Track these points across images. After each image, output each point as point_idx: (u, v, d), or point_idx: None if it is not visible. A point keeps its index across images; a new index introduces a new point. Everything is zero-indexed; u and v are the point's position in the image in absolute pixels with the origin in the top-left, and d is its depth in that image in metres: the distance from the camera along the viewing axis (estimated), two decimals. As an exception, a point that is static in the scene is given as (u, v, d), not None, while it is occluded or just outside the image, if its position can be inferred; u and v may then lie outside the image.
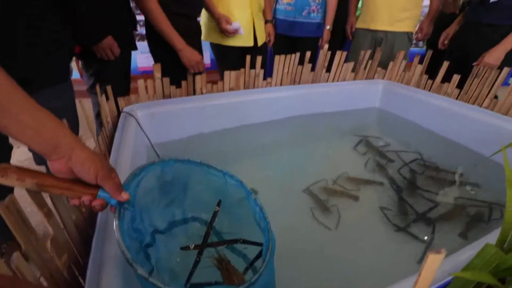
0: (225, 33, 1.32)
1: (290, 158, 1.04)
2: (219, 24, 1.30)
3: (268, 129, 1.16)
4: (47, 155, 0.32)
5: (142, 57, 2.49)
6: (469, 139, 1.05)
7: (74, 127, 0.84)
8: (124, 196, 0.37)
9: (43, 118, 0.31)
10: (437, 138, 1.15)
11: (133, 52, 1.21)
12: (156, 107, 0.96)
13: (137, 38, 2.27)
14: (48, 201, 0.38)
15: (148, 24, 1.15)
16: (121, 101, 0.92)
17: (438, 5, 1.58)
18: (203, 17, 1.38)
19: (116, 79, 1.11)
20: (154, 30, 1.11)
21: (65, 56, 0.77)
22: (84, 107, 0.64)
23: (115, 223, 0.36)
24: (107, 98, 0.85)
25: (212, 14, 1.30)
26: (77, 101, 0.82)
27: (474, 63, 1.30)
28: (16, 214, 0.29)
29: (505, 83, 1.24)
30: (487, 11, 1.31)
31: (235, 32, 1.33)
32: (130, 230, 0.40)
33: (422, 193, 0.83)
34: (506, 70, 1.08)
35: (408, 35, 1.60)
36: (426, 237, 0.69)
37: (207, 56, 2.48)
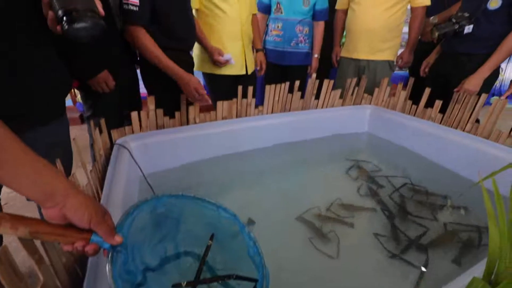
0: (217, 63, 1.39)
1: (283, 185, 1.05)
2: (212, 56, 1.36)
3: (260, 156, 1.18)
4: (42, 202, 0.32)
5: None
6: (455, 163, 1.08)
7: (68, 161, 0.84)
8: (118, 239, 0.37)
9: (40, 168, 0.31)
10: (425, 161, 1.18)
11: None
12: (149, 138, 0.97)
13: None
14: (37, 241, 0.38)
15: (141, 55, 1.18)
16: (114, 133, 0.93)
17: (416, 35, 1.67)
18: (195, 50, 1.44)
19: (112, 111, 1.13)
20: (147, 62, 1.13)
21: (62, 92, 0.78)
22: (78, 144, 0.64)
23: (107, 267, 0.36)
24: (101, 131, 0.86)
25: (204, 47, 1.37)
26: (71, 135, 0.82)
27: (455, 90, 1.37)
28: (8, 266, 0.29)
29: (487, 103, 1.31)
30: (460, 42, 1.41)
31: (226, 63, 1.40)
32: (122, 273, 0.40)
33: (413, 219, 0.84)
34: (484, 96, 1.15)
35: (389, 63, 1.69)
36: (419, 264, 0.69)
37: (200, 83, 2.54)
